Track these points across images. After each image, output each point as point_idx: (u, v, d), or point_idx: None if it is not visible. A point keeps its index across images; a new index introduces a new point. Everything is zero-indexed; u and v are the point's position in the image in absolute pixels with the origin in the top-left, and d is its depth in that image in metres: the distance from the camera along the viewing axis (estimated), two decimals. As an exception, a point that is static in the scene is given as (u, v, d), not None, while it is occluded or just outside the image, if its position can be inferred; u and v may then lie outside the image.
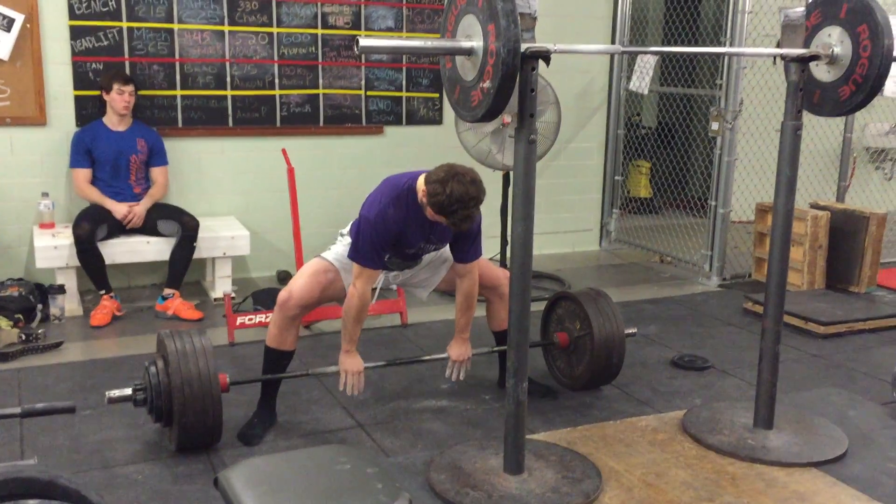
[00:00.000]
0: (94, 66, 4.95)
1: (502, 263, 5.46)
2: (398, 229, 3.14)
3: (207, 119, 5.28)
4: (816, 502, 2.84)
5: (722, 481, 2.97)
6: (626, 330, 3.69)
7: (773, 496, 2.87)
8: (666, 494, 2.87)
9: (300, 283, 3.31)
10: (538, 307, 3.71)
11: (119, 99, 4.75)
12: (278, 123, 5.44)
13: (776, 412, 3.29)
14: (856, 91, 2.96)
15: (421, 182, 3.05)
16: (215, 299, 4.95)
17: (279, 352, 3.35)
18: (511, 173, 4.69)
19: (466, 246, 3.31)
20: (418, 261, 3.46)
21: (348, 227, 3.39)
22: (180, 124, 5.22)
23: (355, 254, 3.17)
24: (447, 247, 3.43)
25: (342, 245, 3.39)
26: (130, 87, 4.78)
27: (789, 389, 3.77)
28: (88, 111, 4.94)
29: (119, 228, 4.76)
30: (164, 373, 3.00)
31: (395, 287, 4.00)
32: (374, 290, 3.34)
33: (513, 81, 2.40)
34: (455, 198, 2.90)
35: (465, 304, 3.41)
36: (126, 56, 5.02)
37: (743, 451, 3.14)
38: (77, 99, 4.95)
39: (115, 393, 3.02)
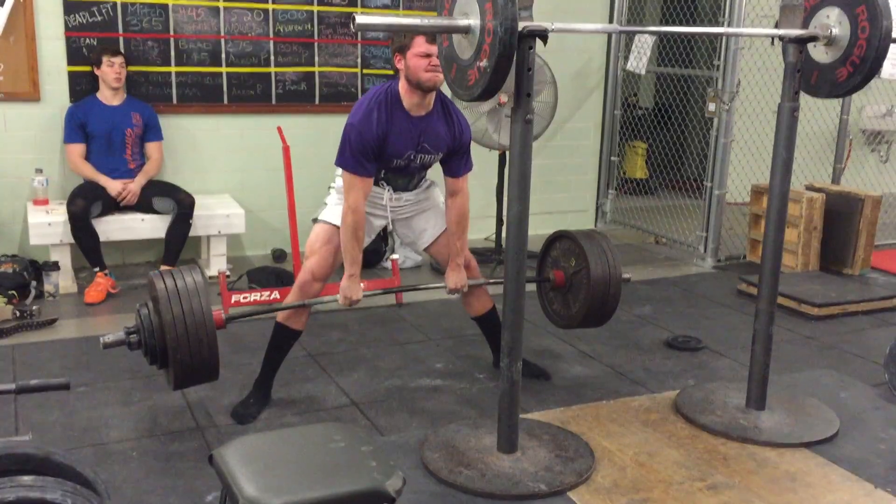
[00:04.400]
0: (87, 41, 4.91)
1: (497, 244, 5.46)
2: (383, 130, 3.13)
3: (202, 96, 5.25)
4: (807, 482, 2.86)
5: (714, 461, 2.99)
6: (623, 274, 3.59)
7: (764, 476, 2.89)
8: (658, 474, 2.89)
9: (315, 260, 3.30)
10: (531, 287, 3.71)
11: (110, 71, 4.73)
12: (274, 101, 5.42)
13: (768, 393, 3.31)
14: (853, 73, 2.95)
15: (401, 80, 3.14)
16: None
17: (291, 330, 3.35)
18: (507, 153, 4.68)
19: (458, 160, 3.34)
20: (414, 178, 3.39)
21: (339, 180, 3.36)
22: (175, 101, 5.19)
23: (342, 160, 3.14)
24: (439, 200, 3.47)
25: (336, 198, 3.37)
26: (120, 59, 4.76)
27: (782, 370, 3.79)
28: (82, 87, 4.91)
29: (114, 205, 4.74)
30: (155, 311, 2.88)
31: (388, 263, 4.00)
32: (384, 234, 3.31)
33: (510, 60, 2.39)
34: None
35: (458, 224, 3.39)
36: (120, 32, 4.98)
37: (735, 431, 3.16)
38: (71, 74, 4.91)
39: (110, 337, 2.94)
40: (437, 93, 3.23)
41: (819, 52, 3.05)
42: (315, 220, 3.37)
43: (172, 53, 5.13)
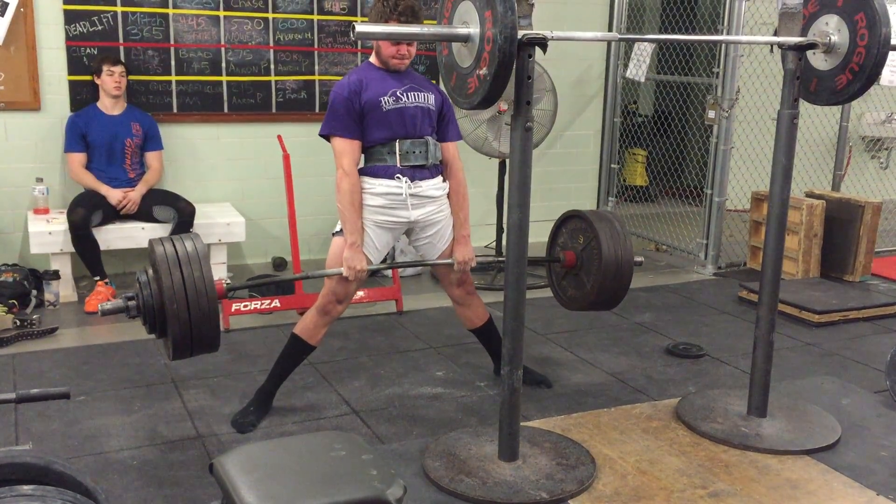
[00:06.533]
0: (88, 50, 4.93)
1: (498, 251, 5.46)
2: (362, 79, 3.22)
3: (203, 105, 5.25)
4: (809, 490, 2.85)
5: (715, 468, 2.98)
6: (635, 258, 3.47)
7: (766, 483, 2.88)
8: (660, 481, 2.89)
9: (341, 286, 3.24)
10: (531, 295, 3.71)
11: (110, 80, 4.74)
12: (274, 110, 5.42)
13: (770, 400, 3.31)
14: (852, 80, 2.95)
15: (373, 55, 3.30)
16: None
17: (308, 345, 3.33)
18: (507, 161, 4.70)
19: (444, 124, 3.40)
20: (427, 145, 3.30)
21: None
22: (175, 110, 5.20)
23: (329, 126, 3.22)
24: (448, 213, 3.40)
25: None
26: (120, 68, 4.77)
27: (783, 377, 3.79)
28: (83, 96, 4.92)
29: (114, 214, 4.75)
30: (155, 277, 2.78)
31: (388, 271, 3.98)
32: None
33: (509, 68, 2.39)
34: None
35: (457, 194, 3.40)
36: (121, 41, 4.99)
37: (736, 438, 3.15)
38: (71, 84, 4.92)
39: (108, 305, 2.89)
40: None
41: (818, 60, 3.06)
42: (335, 234, 3.30)
43: (173, 62, 5.14)
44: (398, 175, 3.25)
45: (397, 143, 3.25)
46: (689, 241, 5.89)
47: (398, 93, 3.24)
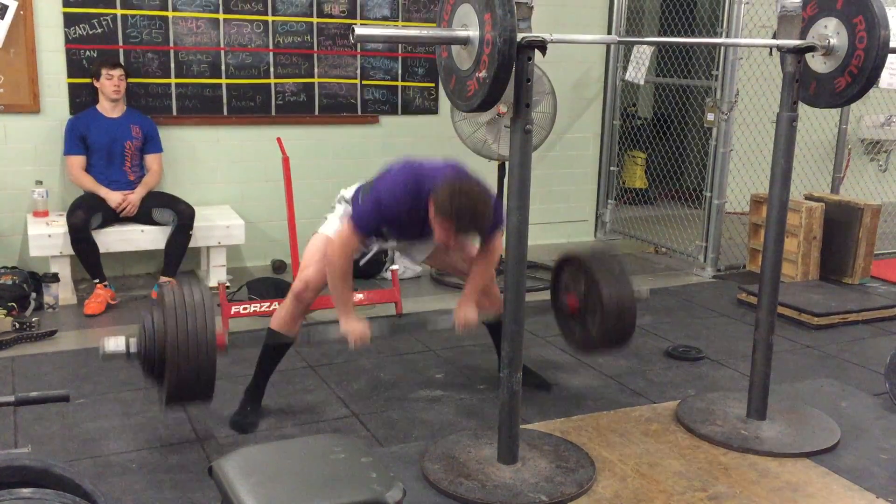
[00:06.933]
0: (87, 53, 4.93)
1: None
2: (403, 222, 3.12)
3: (202, 107, 5.26)
4: (808, 492, 2.85)
5: (715, 471, 2.98)
6: (638, 290, 3.48)
7: (765, 486, 2.88)
8: (659, 484, 2.88)
9: (312, 271, 3.27)
10: (531, 298, 3.71)
11: (109, 84, 4.74)
12: (273, 112, 5.43)
13: (769, 403, 3.31)
14: (851, 82, 2.96)
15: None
16: (210, 288, 4.94)
17: (285, 337, 3.34)
18: (507, 164, 4.69)
19: (489, 239, 3.28)
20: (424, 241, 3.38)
21: (351, 191, 3.33)
22: (175, 112, 5.20)
23: (359, 220, 3.09)
24: None
25: (342, 211, 3.33)
26: (119, 72, 4.77)
27: (782, 380, 3.79)
28: (82, 99, 4.92)
29: (114, 217, 4.74)
30: (160, 322, 2.85)
31: (388, 274, 3.99)
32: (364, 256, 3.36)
33: (509, 71, 2.39)
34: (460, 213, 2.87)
35: (485, 269, 3.35)
36: (120, 44, 4.99)
37: (736, 441, 3.15)
38: (71, 87, 4.93)
39: (111, 347, 2.89)
40: None
41: (817, 62, 3.06)
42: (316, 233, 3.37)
43: (172, 65, 5.14)
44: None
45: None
46: (689, 244, 5.89)
47: (420, 242, 3.31)
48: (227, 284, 4.55)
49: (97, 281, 4.63)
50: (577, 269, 3.48)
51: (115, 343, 2.91)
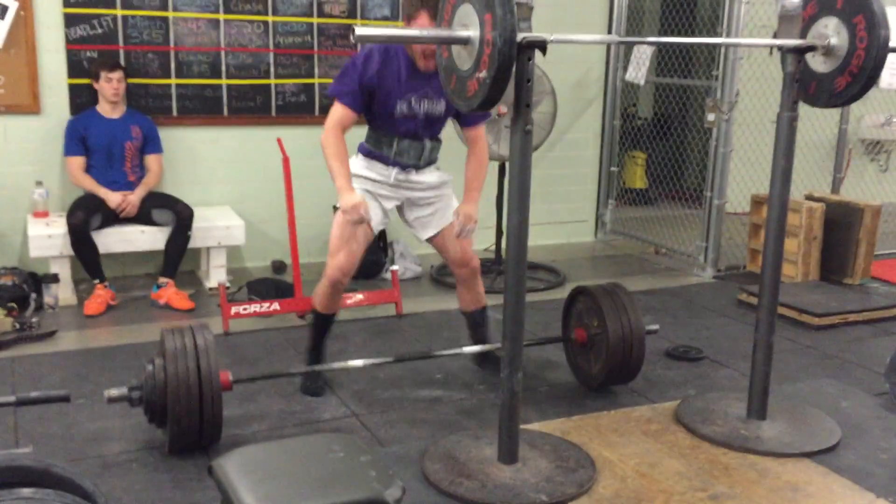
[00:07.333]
0: (88, 54, 4.93)
1: (497, 254, 5.46)
2: (382, 66, 3.23)
3: (202, 108, 5.25)
4: (809, 492, 2.85)
5: (715, 471, 2.98)
6: (648, 326, 3.57)
7: (765, 486, 2.88)
8: (659, 484, 2.88)
9: (343, 257, 3.40)
10: (531, 298, 3.71)
11: (108, 86, 4.74)
12: (273, 113, 5.43)
13: (770, 403, 3.30)
14: (852, 82, 2.95)
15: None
16: (210, 289, 4.94)
17: (329, 316, 3.61)
18: (507, 164, 4.69)
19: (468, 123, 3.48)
20: (424, 150, 3.44)
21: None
22: (175, 113, 5.20)
23: (336, 89, 3.29)
24: (451, 201, 3.53)
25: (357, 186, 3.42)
26: (118, 74, 4.77)
27: (783, 380, 3.79)
28: (82, 99, 4.92)
29: (113, 217, 4.74)
30: (162, 370, 2.90)
31: (389, 273, 4.00)
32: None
33: (509, 71, 2.39)
34: None
35: (477, 174, 3.48)
36: (120, 44, 4.99)
37: (736, 441, 3.15)
38: (71, 87, 4.92)
39: (114, 393, 2.93)
40: None
41: (817, 62, 3.06)
42: (336, 208, 3.42)
43: (172, 66, 5.14)
44: (392, 164, 3.44)
45: (395, 141, 3.39)
46: (689, 244, 5.88)
47: (412, 101, 3.30)
48: (227, 285, 4.56)
49: (97, 281, 4.63)
50: (590, 305, 3.60)
51: (117, 391, 2.97)
